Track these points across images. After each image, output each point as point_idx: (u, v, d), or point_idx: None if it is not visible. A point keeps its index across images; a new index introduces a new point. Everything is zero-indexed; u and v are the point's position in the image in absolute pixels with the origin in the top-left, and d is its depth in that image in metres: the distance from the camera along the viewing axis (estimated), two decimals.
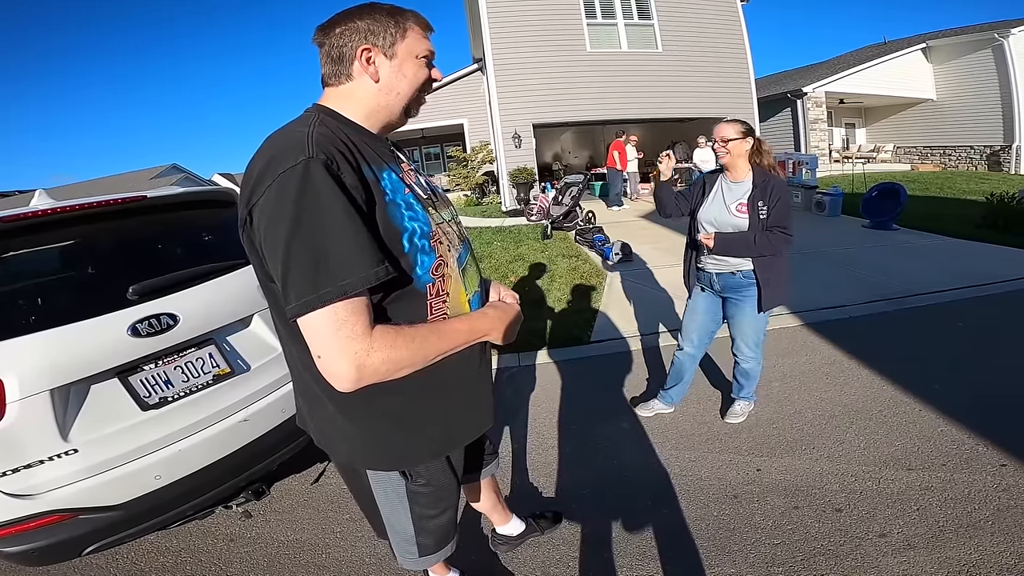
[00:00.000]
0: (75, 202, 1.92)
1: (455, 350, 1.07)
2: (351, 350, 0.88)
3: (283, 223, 0.87)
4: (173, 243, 2.27)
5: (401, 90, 1.07)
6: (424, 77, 1.10)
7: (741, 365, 2.69)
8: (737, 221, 2.35)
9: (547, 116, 11.99)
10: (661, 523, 2.12)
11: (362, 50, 1.03)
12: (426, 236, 1.04)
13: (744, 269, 2.43)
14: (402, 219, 1.00)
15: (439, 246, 1.07)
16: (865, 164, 15.34)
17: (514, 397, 3.32)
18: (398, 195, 1.02)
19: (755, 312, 2.47)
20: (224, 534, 2.27)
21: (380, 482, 1.29)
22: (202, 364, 1.95)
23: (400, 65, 1.06)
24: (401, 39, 1.05)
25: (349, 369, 0.89)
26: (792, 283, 2.53)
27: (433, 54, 1.11)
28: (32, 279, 1.92)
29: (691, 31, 12.37)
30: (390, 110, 1.09)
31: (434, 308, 1.07)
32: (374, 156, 1.03)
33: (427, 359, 1.01)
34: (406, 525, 1.36)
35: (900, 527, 1.97)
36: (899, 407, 2.82)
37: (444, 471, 1.32)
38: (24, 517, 1.60)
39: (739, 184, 2.38)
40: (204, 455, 1.89)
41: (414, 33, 1.06)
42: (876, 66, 16.41)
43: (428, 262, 1.04)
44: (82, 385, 1.70)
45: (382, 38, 1.04)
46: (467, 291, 1.17)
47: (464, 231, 1.27)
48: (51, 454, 1.62)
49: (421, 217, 1.04)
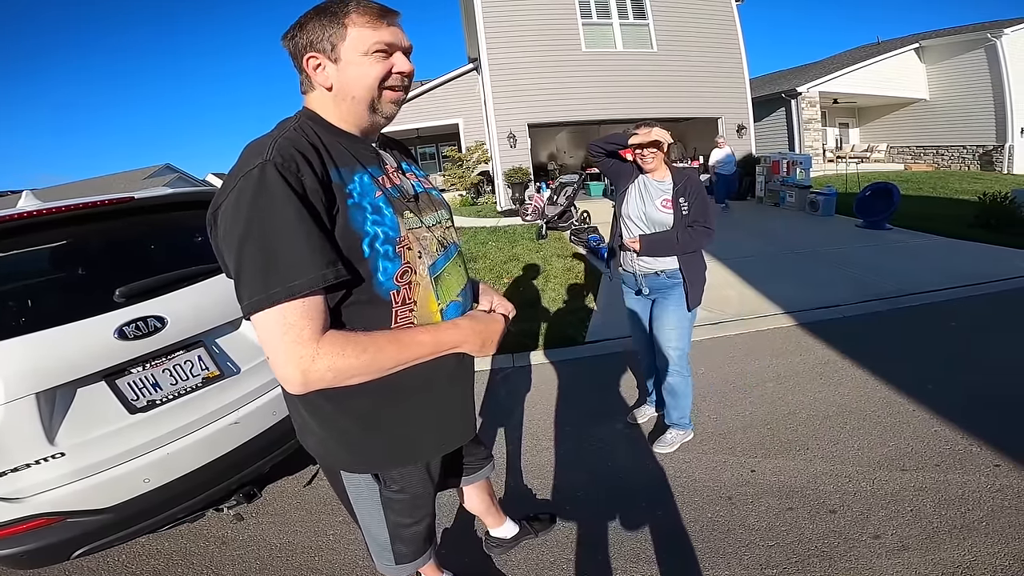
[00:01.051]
0: (62, 203, 1.89)
1: (416, 361, 1.02)
2: (296, 354, 0.87)
3: (237, 225, 0.87)
4: (162, 245, 2.25)
5: (355, 93, 1.01)
6: (377, 73, 0.99)
7: (667, 380, 2.53)
8: (663, 217, 2.38)
9: (542, 116, 11.98)
10: (656, 525, 2.11)
11: (308, 60, 0.99)
12: (391, 241, 1.00)
13: (668, 269, 2.43)
14: (363, 223, 0.97)
15: (407, 252, 1.03)
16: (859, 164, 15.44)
17: (508, 398, 3.31)
18: (366, 199, 0.99)
19: (682, 311, 2.45)
20: (216, 537, 2.25)
21: (354, 486, 1.27)
22: (191, 367, 1.93)
23: (346, 67, 0.99)
24: (341, 40, 0.97)
25: (294, 373, 0.88)
26: (705, 282, 2.55)
27: (389, 44, 0.99)
28: (17, 281, 1.89)
29: (686, 31, 12.40)
30: (355, 113, 1.04)
31: (399, 316, 1.04)
32: (348, 158, 1.01)
33: (382, 369, 0.97)
34: (381, 532, 1.34)
35: (894, 528, 1.97)
36: (893, 407, 2.82)
37: (421, 480, 1.29)
38: (11, 521, 1.57)
39: (661, 183, 2.42)
40: (194, 458, 1.87)
41: (357, 29, 0.97)
42: (870, 66, 16.50)
43: (391, 268, 1.01)
44: (68, 388, 1.67)
45: (323, 44, 0.98)
46: (440, 300, 1.12)
47: (451, 236, 1.22)
48: (37, 457, 1.60)
49: (388, 222, 1.01)
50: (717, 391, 3.16)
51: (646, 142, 2.32)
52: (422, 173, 1.25)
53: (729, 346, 3.85)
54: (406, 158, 1.25)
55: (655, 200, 2.40)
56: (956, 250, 6.25)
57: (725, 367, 3.50)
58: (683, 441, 2.63)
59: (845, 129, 19.86)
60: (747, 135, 13.25)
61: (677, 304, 2.46)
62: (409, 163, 1.23)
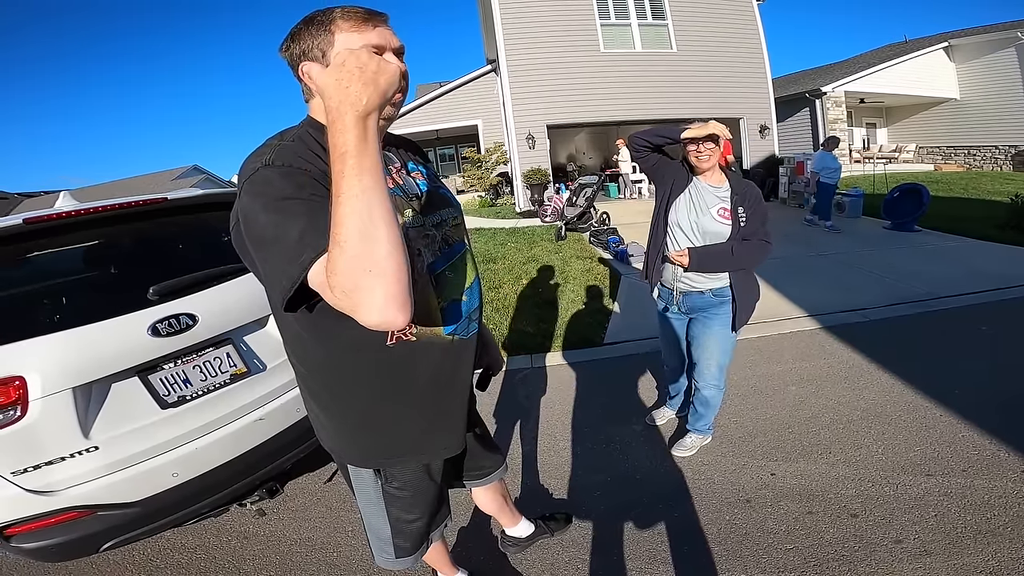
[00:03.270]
0: (99, 204, 1.96)
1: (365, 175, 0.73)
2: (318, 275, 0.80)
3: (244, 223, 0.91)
4: (192, 244, 2.31)
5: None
6: None
7: (702, 392, 2.41)
8: (720, 228, 2.14)
9: (561, 117, 11.99)
10: (672, 526, 2.10)
11: (302, 70, 0.99)
12: None
13: (716, 287, 2.24)
14: None
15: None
16: (887, 164, 15.08)
17: (526, 398, 3.33)
18: None
19: (726, 332, 2.28)
20: (238, 532, 2.30)
21: (357, 478, 1.30)
22: (220, 363, 1.98)
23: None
24: (330, 46, 0.96)
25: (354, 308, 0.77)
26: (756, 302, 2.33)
27: (377, 47, 0.96)
28: (56, 279, 1.96)
29: (706, 31, 12.29)
30: None
31: None
32: None
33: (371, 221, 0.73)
34: (382, 526, 1.36)
35: (917, 533, 1.93)
36: (919, 412, 2.76)
37: (421, 478, 1.31)
38: (44, 513, 1.62)
39: (717, 188, 2.17)
40: (220, 453, 1.92)
41: (343, 34, 0.96)
42: (897, 65, 16.12)
43: None
44: (103, 383, 1.73)
45: (314, 52, 0.97)
46: (440, 298, 1.12)
47: (457, 235, 1.22)
48: (72, 451, 1.65)
49: None
50: (738, 394, 3.13)
51: (702, 135, 2.04)
52: (429, 172, 1.25)
53: (750, 349, 3.80)
54: (415, 157, 1.25)
55: (711, 208, 2.14)
56: (987, 252, 6.07)
57: (746, 370, 3.46)
58: (701, 445, 2.61)
59: (872, 129, 19.43)
60: (770, 136, 13.07)
61: (723, 325, 2.27)
62: (417, 162, 1.23)
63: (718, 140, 2.07)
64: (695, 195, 2.19)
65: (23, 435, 1.58)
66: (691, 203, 2.19)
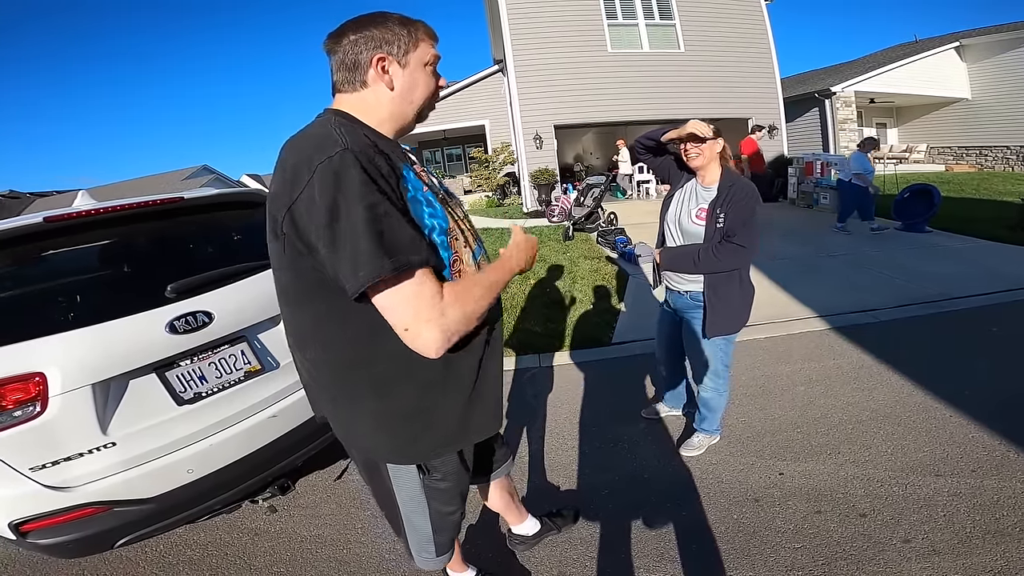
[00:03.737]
0: (117, 203, 1.99)
1: (497, 292, 1.12)
2: (427, 316, 0.95)
3: (326, 210, 0.89)
4: (207, 242, 2.34)
5: (415, 98, 1.12)
6: (435, 85, 1.15)
7: (700, 393, 2.46)
8: (694, 228, 2.14)
9: (568, 117, 11.98)
10: (680, 525, 2.11)
11: (377, 59, 1.06)
12: (444, 232, 1.08)
13: (692, 291, 2.24)
14: (423, 215, 1.04)
15: (455, 243, 1.11)
16: (897, 165, 14.96)
17: (534, 398, 3.34)
18: (419, 192, 1.06)
19: (701, 335, 2.27)
20: (249, 528, 2.32)
21: (399, 477, 1.30)
22: (234, 361, 2.00)
23: (412, 73, 1.10)
24: (413, 48, 1.09)
25: (434, 334, 0.96)
26: (745, 310, 2.24)
27: (439, 60, 1.15)
28: (75, 276, 1.99)
29: (714, 31, 12.25)
30: (404, 116, 1.14)
31: None
32: (396, 156, 1.08)
33: (484, 309, 1.07)
34: (424, 523, 1.38)
35: (925, 533, 1.93)
36: (929, 412, 2.76)
37: (458, 467, 1.34)
38: (61, 509, 1.63)
39: (707, 190, 2.14)
40: (234, 450, 1.94)
41: (424, 43, 1.10)
42: (908, 65, 15.98)
43: (447, 257, 1.08)
44: (122, 380, 1.75)
45: (396, 47, 1.07)
46: None
47: (476, 230, 1.30)
48: (90, 447, 1.66)
49: (440, 214, 1.08)
50: (746, 394, 3.13)
51: (682, 135, 2.07)
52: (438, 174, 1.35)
53: (758, 349, 3.80)
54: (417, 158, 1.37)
55: (691, 209, 2.17)
56: (998, 253, 6.02)
57: (754, 370, 3.46)
58: (709, 444, 2.62)
59: (883, 129, 19.25)
60: (779, 136, 13.00)
61: (698, 328, 2.28)
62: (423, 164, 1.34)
63: (700, 138, 2.04)
64: (686, 195, 2.23)
65: (42, 431, 1.59)
66: (679, 202, 2.24)
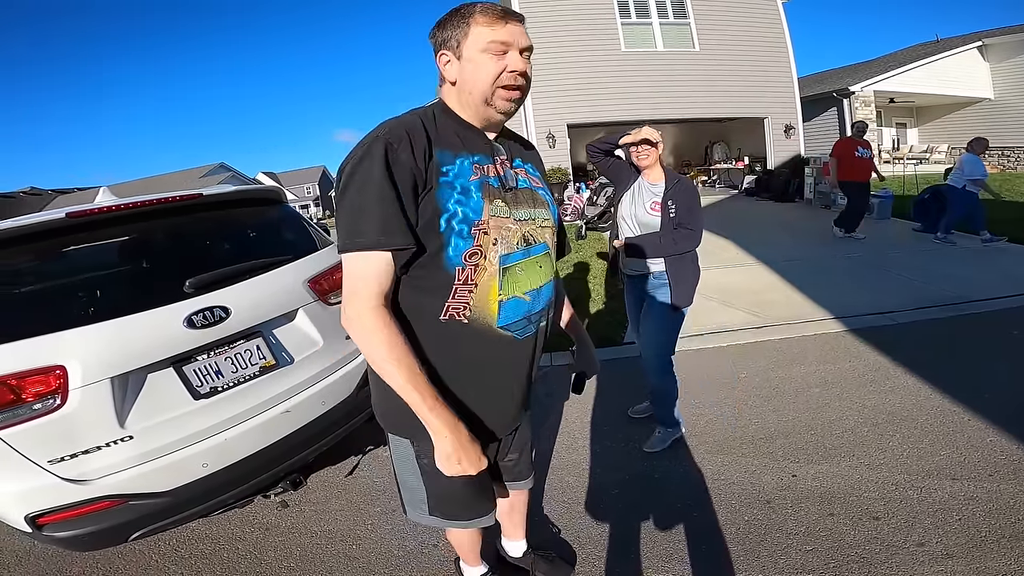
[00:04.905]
0: (137, 199, 2.02)
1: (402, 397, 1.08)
2: (348, 302, 1.06)
3: (341, 184, 1.06)
4: (224, 239, 2.37)
5: (472, 88, 1.11)
6: (491, 70, 1.08)
7: (649, 380, 2.62)
8: (651, 219, 2.43)
9: (581, 116, 11.97)
10: (690, 525, 2.10)
11: (440, 57, 1.13)
12: (468, 222, 1.08)
13: (656, 271, 2.48)
14: (447, 200, 1.07)
15: (482, 235, 1.10)
16: (917, 165, 14.69)
17: (546, 396, 3.34)
18: (459, 180, 1.09)
19: (666, 311, 2.47)
20: (261, 523, 2.34)
21: (395, 446, 1.34)
22: (250, 356, 2.02)
23: (466, 64, 1.10)
24: (465, 38, 1.09)
25: (344, 313, 1.08)
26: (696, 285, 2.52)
27: (504, 43, 1.08)
28: (96, 271, 2.03)
29: (730, 30, 12.16)
30: (472, 106, 1.14)
31: (458, 293, 1.11)
32: (455, 143, 1.13)
33: (380, 372, 1.08)
34: (416, 484, 1.35)
35: (939, 536, 1.91)
36: (946, 416, 2.71)
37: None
38: (78, 502, 1.64)
39: (654, 186, 2.45)
40: (248, 444, 1.95)
41: (478, 27, 1.07)
42: (929, 64, 15.72)
43: (463, 246, 1.08)
44: (140, 374, 1.77)
45: (452, 42, 1.10)
46: (503, 291, 1.16)
47: (542, 236, 1.24)
48: (108, 440, 1.67)
49: (473, 205, 1.09)
50: (759, 395, 3.11)
51: (637, 140, 2.37)
52: (536, 173, 1.32)
53: (773, 350, 3.77)
54: (526, 155, 1.32)
55: (645, 203, 2.45)
56: (1021, 256, 5.89)
57: (768, 372, 3.43)
58: (673, 438, 2.66)
59: (903, 129, 18.96)
60: (795, 135, 12.86)
61: (662, 304, 2.48)
62: (526, 160, 1.31)
63: (653, 142, 2.37)
64: (636, 191, 2.50)
65: (62, 424, 1.61)
66: (632, 198, 2.52)
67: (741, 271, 6.01)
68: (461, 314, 1.13)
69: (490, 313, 1.15)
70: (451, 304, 1.12)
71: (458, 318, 1.13)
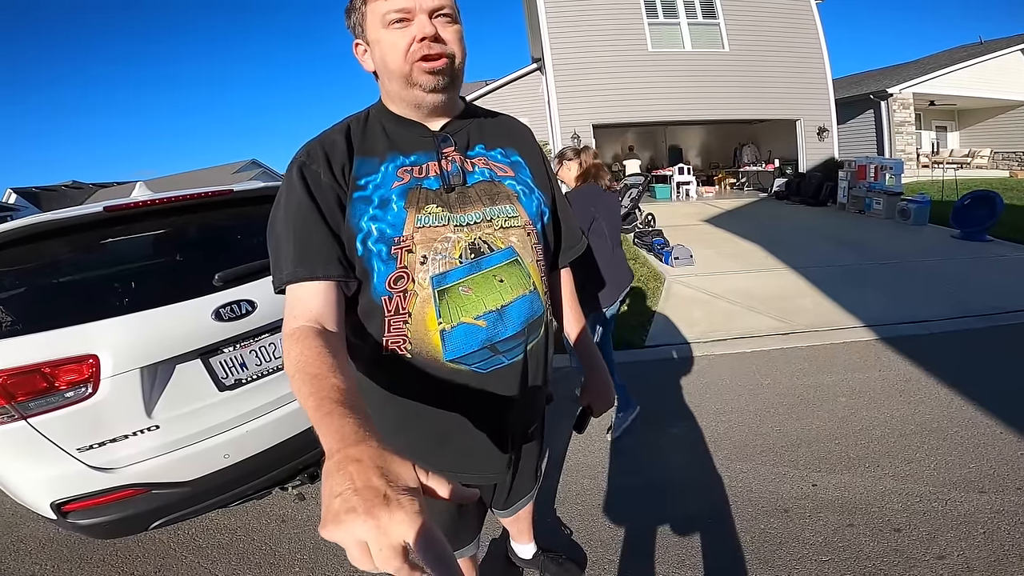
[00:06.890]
0: (171, 194, 2.09)
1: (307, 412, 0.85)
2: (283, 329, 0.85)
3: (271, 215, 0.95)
4: (253, 234, 2.43)
5: (389, 72, 0.94)
6: (398, 43, 0.90)
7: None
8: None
9: (607, 117, 11.88)
10: (705, 532, 2.08)
11: (356, 49, 1.00)
12: (386, 241, 0.91)
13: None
14: (360, 218, 0.91)
15: (404, 255, 0.92)
16: (957, 170, 14.16)
17: (565, 397, 3.34)
18: (379, 191, 0.93)
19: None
20: (277, 515, 2.38)
21: None
22: (274, 349, 2.06)
23: (375, 47, 0.94)
24: (365, 19, 0.94)
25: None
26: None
27: (404, 10, 0.89)
28: (130, 263, 2.09)
29: (760, 30, 11.93)
30: (398, 94, 0.97)
31: (392, 327, 0.94)
32: (380, 146, 0.98)
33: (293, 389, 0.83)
34: None
35: (961, 550, 1.85)
36: (977, 428, 2.62)
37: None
38: (103, 490, 1.67)
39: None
40: (269, 437, 1.99)
41: (371, 4, 0.92)
42: (971, 67, 15.16)
43: (384, 271, 0.91)
44: (169, 364, 1.81)
45: (357, 28, 0.97)
46: (443, 319, 0.94)
47: (503, 240, 1.00)
48: (135, 429, 1.71)
49: (391, 218, 0.92)
50: (783, 403, 3.05)
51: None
52: (508, 159, 1.09)
53: (800, 358, 3.69)
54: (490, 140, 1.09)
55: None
56: None
57: (794, 379, 3.36)
58: (631, 417, 2.85)
59: (943, 133, 18.31)
60: (828, 138, 12.55)
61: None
62: (492, 146, 1.08)
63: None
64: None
65: (92, 412, 1.65)
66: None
67: (769, 276, 5.88)
68: (402, 348, 0.95)
69: (432, 345, 0.95)
70: (388, 337, 0.95)
71: (400, 352, 0.95)
